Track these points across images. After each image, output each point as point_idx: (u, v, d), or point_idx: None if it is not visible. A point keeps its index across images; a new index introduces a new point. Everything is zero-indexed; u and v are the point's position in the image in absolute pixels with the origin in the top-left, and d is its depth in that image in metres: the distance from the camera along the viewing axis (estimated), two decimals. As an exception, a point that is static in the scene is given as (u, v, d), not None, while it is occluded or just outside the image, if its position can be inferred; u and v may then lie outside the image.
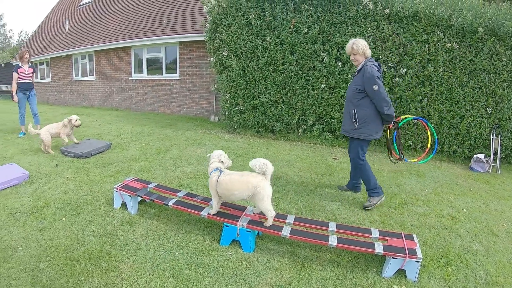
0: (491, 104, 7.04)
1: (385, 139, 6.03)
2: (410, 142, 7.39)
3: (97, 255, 3.64)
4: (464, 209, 4.78)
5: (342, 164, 6.56)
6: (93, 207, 4.81)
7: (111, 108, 16.36)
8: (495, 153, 7.01)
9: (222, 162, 4.09)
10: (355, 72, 4.97)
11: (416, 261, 3.09)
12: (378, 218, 4.35)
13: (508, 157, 7.29)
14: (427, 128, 6.90)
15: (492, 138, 7.06)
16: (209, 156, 4.21)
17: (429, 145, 6.88)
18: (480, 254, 3.65)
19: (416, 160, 6.74)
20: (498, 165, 6.89)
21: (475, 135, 7.13)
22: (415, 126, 7.32)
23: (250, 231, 3.61)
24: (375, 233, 3.47)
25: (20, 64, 9.61)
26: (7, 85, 28.30)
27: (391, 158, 5.34)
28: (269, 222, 3.72)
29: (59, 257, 3.64)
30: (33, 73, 9.88)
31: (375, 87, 4.55)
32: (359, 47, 4.67)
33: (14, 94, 9.57)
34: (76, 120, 7.68)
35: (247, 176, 3.80)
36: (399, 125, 6.90)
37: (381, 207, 4.65)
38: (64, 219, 4.51)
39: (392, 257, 3.13)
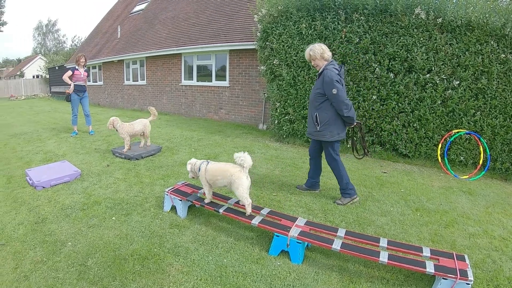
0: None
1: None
2: (462, 158, 7.14)
3: (146, 256, 3.72)
4: (517, 231, 4.58)
5: (391, 178, 6.45)
6: (143, 209, 4.93)
7: (160, 113, 16.63)
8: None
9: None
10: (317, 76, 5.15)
11: (467, 283, 3.00)
12: (428, 236, 4.25)
13: None
14: (479, 143, 6.74)
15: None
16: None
17: (481, 162, 6.74)
18: (533, 280, 3.47)
19: (467, 176, 6.59)
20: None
21: (530, 152, 6.81)
22: (467, 141, 7.07)
23: (300, 243, 3.60)
24: (426, 252, 3.39)
25: (76, 67, 10.02)
26: (60, 87, 29.53)
27: (355, 154, 5.82)
28: (248, 210, 4.17)
29: (107, 255, 3.75)
30: (87, 76, 10.30)
31: (334, 91, 4.73)
32: (316, 53, 4.87)
33: (67, 79, 9.98)
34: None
35: (227, 166, 4.35)
36: (451, 139, 6.80)
37: (431, 225, 4.54)
38: (114, 218, 4.66)
39: (443, 278, 3.06)
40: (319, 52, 4.86)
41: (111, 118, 7.79)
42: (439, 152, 7.09)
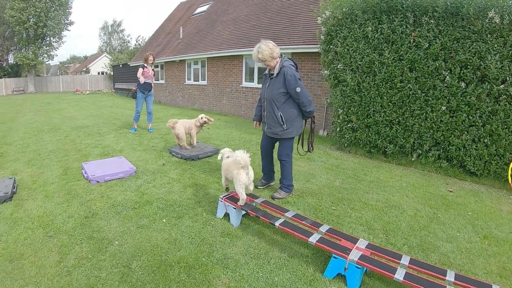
0: None
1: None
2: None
3: (193, 265, 3.64)
4: None
5: (458, 198, 6.01)
6: (195, 213, 4.90)
7: (220, 113, 16.91)
8: None
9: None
10: (270, 74, 5.21)
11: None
12: (496, 270, 3.87)
13: None
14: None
15: None
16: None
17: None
18: None
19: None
20: None
21: None
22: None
23: (359, 268, 3.38)
24: (495, 291, 3.08)
25: (145, 65, 10.26)
26: (123, 83, 30.86)
27: (298, 149, 5.98)
28: (240, 202, 4.49)
29: (153, 259, 3.73)
30: (154, 75, 10.51)
31: (298, 89, 4.92)
32: (265, 55, 4.88)
33: (141, 77, 10.19)
34: (202, 118, 8.10)
35: (232, 162, 4.64)
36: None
37: (499, 257, 4.13)
38: (164, 220, 4.66)
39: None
40: (268, 54, 4.88)
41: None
42: (510, 172, 6.54)
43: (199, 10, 24.25)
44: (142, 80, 10.14)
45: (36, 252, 3.85)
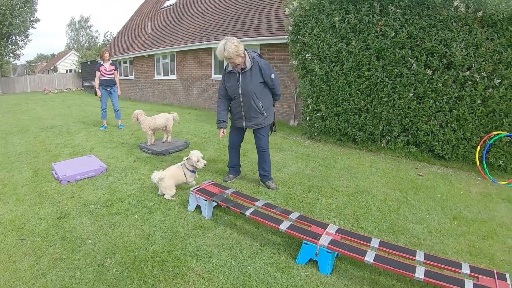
0: None
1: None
2: (501, 162, 6.71)
3: (166, 259, 3.63)
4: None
5: (427, 181, 6.12)
6: (167, 207, 4.86)
7: (190, 107, 16.82)
8: None
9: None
10: (242, 69, 5.07)
11: (508, 306, 2.72)
12: (466, 249, 3.95)
13: None
14: (521, 146, 6.35)
15: None
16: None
17: (522, 166, 6.35)
18: None
19: (507, 182, 6.21)
20: None
21: None
22: (507, 144, 6.63)
23: (330, 252, 3.39)
24: (465, 269, 3.12)
25: (101, 63, 10.08)
26: (92, 81, 30.39)
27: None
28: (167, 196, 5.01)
29: (127, 256, 3.70)
30: (114, 70, 10.32)
31: (273, 76, 5.12)
32: (230, 52, 4.79)
33: (96, 89, 10.21)
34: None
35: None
36: (491, 141, 6.45)
37: (469, 236, 4.23)
38: (136, 216, 4.61)
39: (482, 300, 2.79)
40: (233, 51, 4.80)
41: (136, 111, 7.90)
42: (477, 155, 6.71)
43: (167, 3, 23.99)
44: (97, 84, 10.18)
45: (10, 257, 3.75)
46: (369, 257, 3.22)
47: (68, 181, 5.87)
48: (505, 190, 5.93)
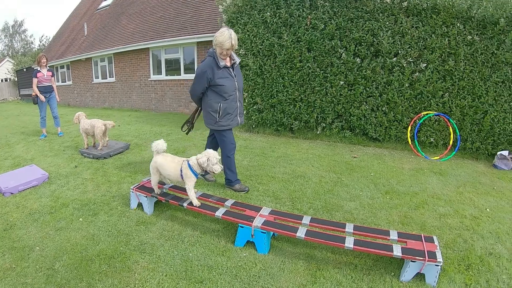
0: (515, 98, 6.76)
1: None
2: (432, 139, 7.16)
3: (112, 255, 3.66)
4: (488, 209, 4.54)
5: (361, 162, 6.40)
6: (110, 208, 4.84)
7: (130, 109, 16.53)
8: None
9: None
10: (232, 64, 4.76)
11: (436, 265, 2.94)
12: (398, 219, 4.19)
13: (534, 153, 6.97)
14: (449, 124, 6.75)
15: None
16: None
17: (451, 142, 6.76)
18: (504, 257, 3.43)
19: (438, 157, 6.59)
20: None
21: (498, 131, 6.79)
22: (436, 123, 7.08)
23: (265, 232, 3.52)
24: (393, 235, 3.32)
25: (38, 69, 9.72)
26: (29, 89, 28.98)
27: (185, 128, 5.63)
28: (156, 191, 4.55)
29: (74, 257, 3.68)
30: (52, 76, 9.98)
31: None
32: (236, 42, 4.47)
33: (38, 95, 9.70)
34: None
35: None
36: (421, 121, 6.81)
37: (401, 207, 4.49)
38: (81, 219, 4.57)
39: (411, 261, 2.99)
40: (237, 41, 4.50)
41: (77, 113, 7.81)
42: (409, 134, 7.08)
43: (103, 3, 23.24)
44: (36, 91, 9.72)
45: (-40, 273, 3.62)
46: (301, 233, 3.36)
47: (11, 193, 5.67)
48: (437, 164, 6.33)
